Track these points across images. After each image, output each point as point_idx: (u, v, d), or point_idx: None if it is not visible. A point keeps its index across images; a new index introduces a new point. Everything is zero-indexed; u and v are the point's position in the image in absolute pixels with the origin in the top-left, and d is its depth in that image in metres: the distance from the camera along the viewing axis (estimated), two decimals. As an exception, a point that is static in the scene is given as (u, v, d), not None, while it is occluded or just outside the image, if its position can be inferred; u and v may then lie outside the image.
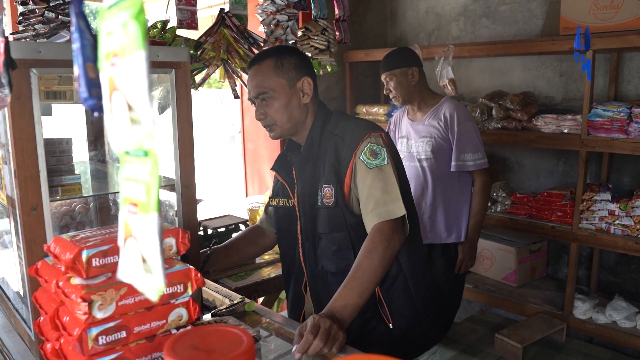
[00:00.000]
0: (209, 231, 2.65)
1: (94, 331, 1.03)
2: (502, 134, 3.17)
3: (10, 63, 1.06)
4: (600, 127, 2.72)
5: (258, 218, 2.87)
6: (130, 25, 0.58)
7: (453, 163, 2.62)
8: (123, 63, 0.60)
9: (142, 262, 0.63)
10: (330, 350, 1.30)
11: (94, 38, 0.72)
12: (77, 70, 0.71)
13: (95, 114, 0.73)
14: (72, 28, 0.72)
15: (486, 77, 3.64)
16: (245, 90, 2.61)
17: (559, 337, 3.03)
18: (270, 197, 1.90)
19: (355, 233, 1.62)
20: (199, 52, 2.48)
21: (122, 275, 0.67)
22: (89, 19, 0.76)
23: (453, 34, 3.79)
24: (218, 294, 1.67)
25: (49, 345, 1.15)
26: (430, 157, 2.65)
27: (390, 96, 2.72)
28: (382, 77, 2.71)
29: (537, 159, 3.48)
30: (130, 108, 0.60)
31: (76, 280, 1.06)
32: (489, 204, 3.32)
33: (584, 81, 2.79)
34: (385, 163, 1.58)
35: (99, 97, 0.71)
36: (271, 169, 1.86)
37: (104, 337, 1.04)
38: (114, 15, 0.62)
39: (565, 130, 2.93)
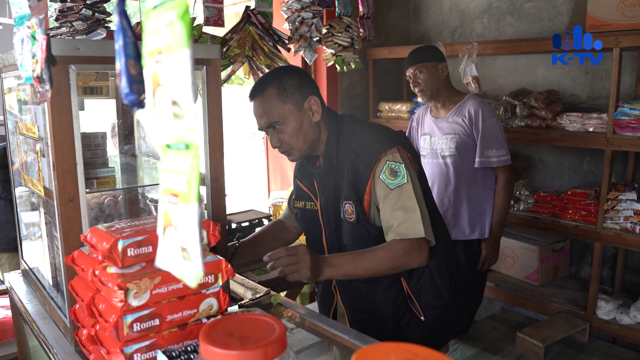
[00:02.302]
0: (233, 225, 2.69)
1: (129, 318, 1.06)
2: (526, 132, 3.15)
3: (51, 60, 1.11)
4: (627, 126, 2.70)
5: (280, 213, 2.90)
6: (175, 25, 0.61)
7: (477, 159, 2.62)
8: (168, 60, 0.63)
9: (181, 251, 0.66)
10: (283, 275, 1.44)
11: (135, 36, 0.76)
12: (119, 66, 0.74)
13: (135, 109, 0.77)
14: (115, 27, 0.75)
15: (510, 75, 3.62)
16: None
17: (582, 337, 3.01)
18: (294, 199, 1.92)
19: (379, 243, 1.65)
20: (224, 49, 2.52)
21: (161, 263, 0.70)
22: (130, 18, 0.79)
23: (477, 31, 3.77)
24: (244, 286, 1.70)
25: (84, 332, 1.20)
26: (455, 153, 2.66)
27: (417, 90, 2.72)
28: (410, 71, 2.71)
29: (561, 158, 3.45)
30: (174, 103, 0.63)
31: (112, 269, 1.10)
32: (512, 202, 3.31)
33: (611, 79, 2.76)
34: (405, 181, 1.58)
35: (139, 92, 0.74)
36: (294, 177, 1.90)
37: (138, 324, 1.07)
38: (158, 15, 0.65)
39: (591, 129, 2.90)
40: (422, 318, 1.73)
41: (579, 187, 3.15)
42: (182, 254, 0.65)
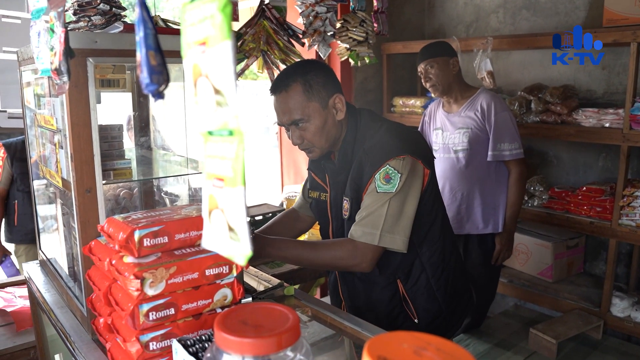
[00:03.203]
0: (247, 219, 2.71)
1: (145, 307, 1.08)
2: (541, 128, 3.13)
3: (69, 52, 1.12)
4: (644, 122, 2.67)
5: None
6: (217, 17, 0.63)
7: (490, 152, 2.62)
8: (210, 51, 0.65)
9: (228, 231, 0.68)
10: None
11: (155, 28, 0.77)
12: (139, 57, 0.75)
13: (155, 99, 0.78)
14: (136, 18, 0.76)
15: (525, 70, 3.60)
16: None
17: (596, 335, 2.99)
18: (309, 188, 1.92)
19: None
20: (239, 44, 2.53)
21: (207, 244, 0.73)
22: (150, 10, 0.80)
23: (492, 25, 3.75)
24: (258, 278, 1.71)
25: (101, 320, 1.22)
26: (467, 147, 2.65)
27: (428, 85, 2.72)
28: (422, 66, 2.72)
29: (576, 154, 3.43)
30: (217, 92, 0.65)
31: (128, 259, 1.12)
32: (526, 198, 3.29)
33: (627, 74, 2.73)
34: (393, 191, 1.54)
35: (159, 83, 0.76)
36: (308, 168, 1.89)
37: (154, 313, 1.09)
38: (197, 8, 0.67)
39: (607, 125, 2.88)
40: (416, 321, 1.71)
41: (594, 183, 3.13)
42: (229, 234, 0.68)
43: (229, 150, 0.65)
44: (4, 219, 3.25)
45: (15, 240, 3.28)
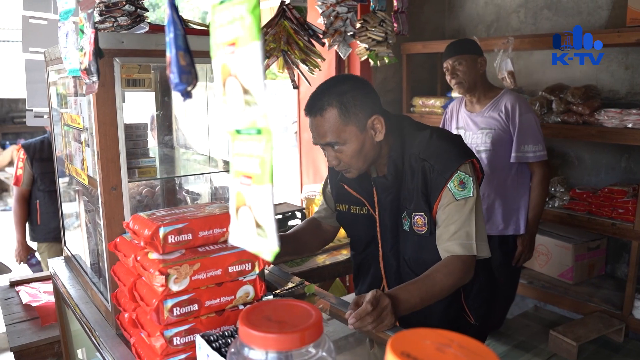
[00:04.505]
0: (266, 218, 2.72)
1: (169, 303, 1.10)
2: (562, 128, 3.10)
3: (98, 52, 1.15)
4: (668, 122, 2.64)
5: (314, 207, 2.93)
6: (246, 19, 0.64)
7: (513, 154, 2.61)
8: (240, 52, 0.66)
9: (256, 228, 0.69)
10: (372, 330, 1.33)
11: (184, 29, 0.79)
12: (169, 58, 0.77)
13: (184, 98, 0.80)
14: (166, 20, 0.78)
15: (546, 70, 3.56)
16: (303, 80, 2.66)
17: (617, 337, 2.96)
18: (336, 202, 1.81)
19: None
20: (260, 44, 2.55)
21: (235, 240, 0.74)
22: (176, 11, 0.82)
23: (513, 25, 3.72)
24: (279, 276, 1.73)
25: (126, 315, 1.25)
26: (490, 148, 2.64)
27: (454, 82, 2.69)
28: (449, 62, 2.69)
29: (598, 154, 3.39)
30: (245, 91, 0.66)
31: (153, 255, 1.14)
32: (547, 199, 3.27)
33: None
34: (471, 195, 1.51)
35: (188, 82, 0.77)
36: (338, 180, 1.75)
37: (178, 308, 1.11)
38: (227, 9, 0.68)
39: (630, 125, 2.84)
40: (473, 322, 1.73)
41: (616, 184, 3.09)
42: (257, 230, 0.69)
43: (257, 148, 0.67)
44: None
45: (38, 239, 3.34)
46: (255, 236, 0.69)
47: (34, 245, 3.38)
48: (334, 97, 1.50)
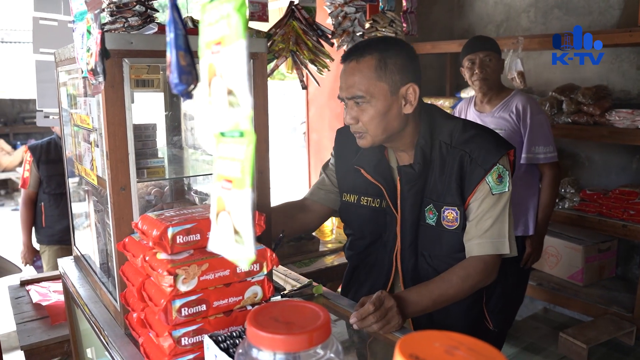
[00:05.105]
0: (274, 218, 2.72)
1: (178, 303, 1.10)
2: (572, 129, 3.08)
3: (105, 53, 1.15)
4: (680, 123, 2.61)
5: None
6: (232, 17, 0.63)
7: (523, 155, 2.59)
8: (225, 51, 0.65)
9: (234, 234, 0.68)
10: (378, 330, 1.31)
11: (185, 29, 0.78)
12: (170, 58, 0.77)
13: (184, 99, 0.79)
14: (167, 19, 0.78)
15: (557, 70, 3.54)
16: (312, 81, 2.66)
17: (628, 340, 2.93)
18: (343, 191, 1.68)
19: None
20: (269, 44, 2.55)
21: (213, 246, 0.73)
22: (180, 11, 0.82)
23: (523, 25, 3.70)
24: (287, 277, 1.73)
25: (134, 315, 1.25)
26: (499, 149, 2.64)
27: (480, 77, 2.63)
28: (480, 55, 2.61)
29: (609, 155, 3.36)
30: (229, 92, 0.65)
31: (162, 255, 1.14)
32: (557, 200, 3.24)
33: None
34: (506, 190, 1.45)
35: (188, 83, 0.77)
36: (353, 164, 1.61)
37: (186, 309, 1.11)
38: (215, 8, 0.67)
39: (641, 126, 2.82)
40: (491, 327, 1.67)
41: (627, 185, 3.07)
42: (234, 237, 0.67)
43: (239, 151, 0.65)
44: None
45: (42, 242, 3.33)
46: (233, 243, 0.67)
47: (37, 247, 3.39)
48: (376, 50, 1.42)
